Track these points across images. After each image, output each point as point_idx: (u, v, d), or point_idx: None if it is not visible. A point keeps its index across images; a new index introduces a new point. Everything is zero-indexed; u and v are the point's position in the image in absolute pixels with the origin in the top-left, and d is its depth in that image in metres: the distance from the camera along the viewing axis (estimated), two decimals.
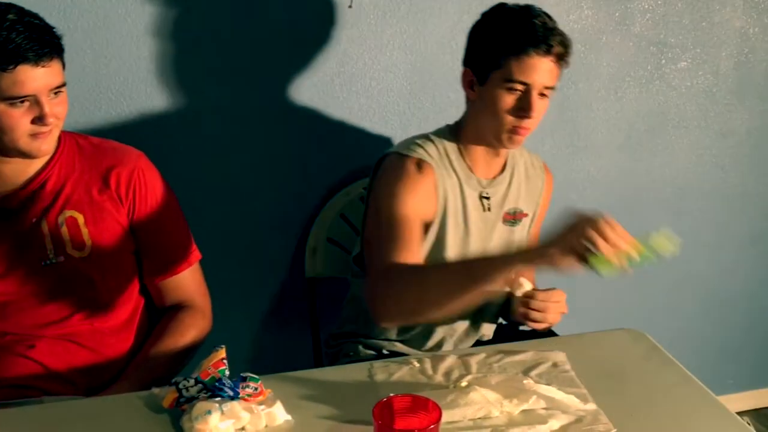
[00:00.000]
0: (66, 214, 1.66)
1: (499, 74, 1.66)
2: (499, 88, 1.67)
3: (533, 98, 1.65)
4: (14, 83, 1.49)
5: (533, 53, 1.62)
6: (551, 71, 1.66)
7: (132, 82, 2.00)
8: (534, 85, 1.65)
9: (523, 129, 1.69)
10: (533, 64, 1.63)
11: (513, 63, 1.64)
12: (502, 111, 1.68)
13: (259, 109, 2.10)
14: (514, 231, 1.88)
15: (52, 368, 1.65)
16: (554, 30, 1.65)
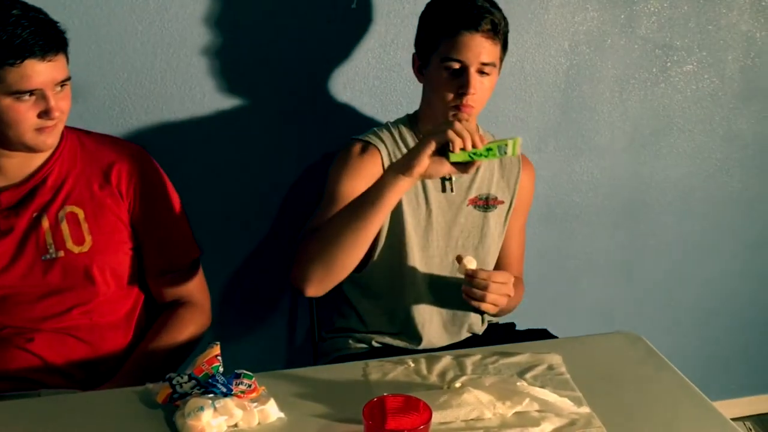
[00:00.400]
0: (66, 209, 1.67)
1: (436, 56, 1.74)
2: (438, 69, 1.74)
3: (470, 75, 1.71)
4: (21, 77, 1.51)
5: (464, 32, 1.69)
6: (485, 48, 1.71)
7: (136, 77, 2.00)
8: (469, 62, 1.70)
9: (466, 107, 1.74)
10: (465, 42, 1.70)
11: (446, 43, 1.71)
12: (443, 91, 1.74)
13: (261, 107, 2.10)
14: (488, 216, 1.91)
15: (51, 361, 1.66)
16: (485, 8, 1.70)
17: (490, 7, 1.72)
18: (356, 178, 1.78)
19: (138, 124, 2.04)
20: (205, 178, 2.12)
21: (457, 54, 1.70)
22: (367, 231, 1.58)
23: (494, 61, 1.73)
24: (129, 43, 1.97)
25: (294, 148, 2.15)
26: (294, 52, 2.07)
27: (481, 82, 1.73)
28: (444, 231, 1.87)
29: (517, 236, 2.02)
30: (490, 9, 1.71)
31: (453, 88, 1.73)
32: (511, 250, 2.01)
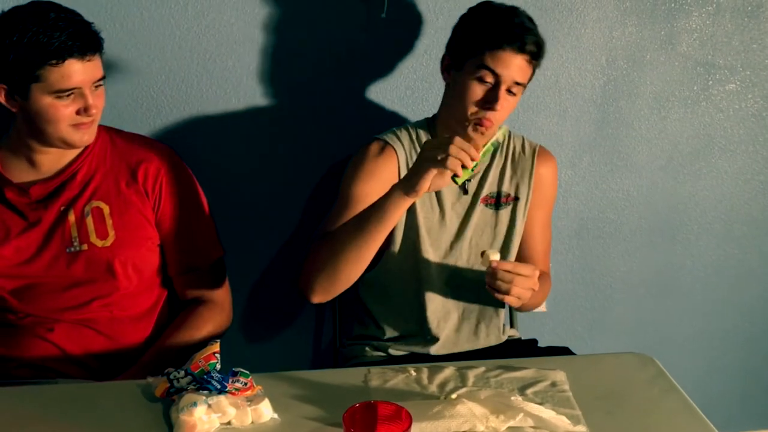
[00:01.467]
0: (92, 204, 1.74)
1: (473, 62, 1.74)
2: (471, 77, 1.75)
3: (500, 91, 1.73)
4: (62, 77, 1.59)
5: (507, 48, 1.70)
6: (522, 68, 1.73)
7: (173, 81, 2.06)
8: (503, 79, 1.72)
9: (486, 121, 1.75)
10: (505, 58, 1.71)
11: (487, 54, 1.72)
12: (469, 99, 1.75)
13: (291, 113, 2.14)
14: (499, 214, 1.91)
15: (69, 352, 1.72)
16: (531, 31, 1.73)
17: (534, 30, 1.74)
18: (370, 180, 1.80)
19: (173, 125, 2.10)
20: (234, 180, 2.17)
21: (496, 67, 1.71)
22: (370, 246, 1.62)
23: (524, 81, 1.75)
24: (167, 47, 2.03)
25: (323, 154, 2.18)
26: (326, 60, 2.10)
27: (507, 99, 1.74)
28: (457, 230, 1.88)
29: (539, 230, 1.98)
30: (534, 31, 1.74)
31: (479, 99, 1.74)
32: (534, 244, 1.98)
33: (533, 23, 1.77)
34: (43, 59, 1.56)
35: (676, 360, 2.48)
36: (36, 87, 1.59)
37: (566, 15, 2.15)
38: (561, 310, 2.39)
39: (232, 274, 1.97)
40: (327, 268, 1.66)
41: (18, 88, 1.60)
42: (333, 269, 1.65)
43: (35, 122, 1.64)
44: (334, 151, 2.16)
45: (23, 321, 1.71)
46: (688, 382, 2.13)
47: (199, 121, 2.11)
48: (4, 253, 1.69)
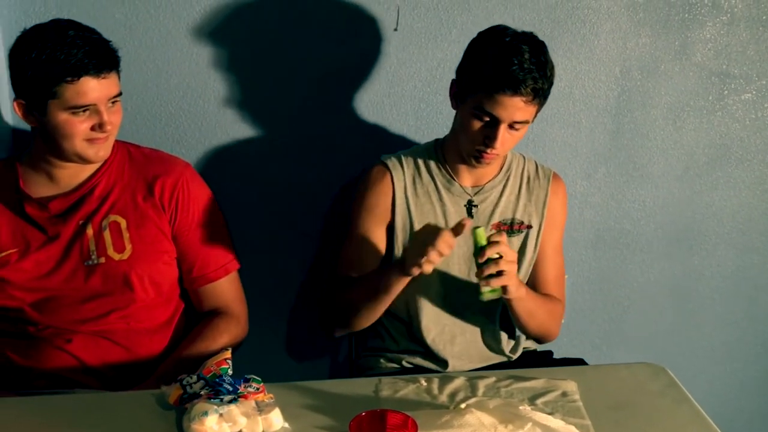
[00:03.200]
0: (110, 218, 1.77)
1: (471, 101, 1.72)
2: (470, 113, 1.73)
3: (499, 130, 1.71)
4: (77, 94, 1.62)
5: (504, 92, 1.66)
6: (521, 109, 1.69)
7: (191, 97, 2.11)
8: (502, 119, 1.69)
9: (487, 155, 1.75)
10: (501, 101, 1.68)
11: (483, 95, 1.69)
12: (469, 135, 1.75)
13: (308, 128, 2.17)
14: (511, 241, 1.89)
15: (87, 363, 1.75)
16: (531, 72, 1.66)
17: (536, 70, 1.67)
18: (372, 211, 1.88)
19: (190, 140, 2.15)
20: (250, 194, 2.20)
21: (491, 109, 1.69)
22: (379, 307, 1.79)
23: (528, 119, 1.73)
24: (185, 64, 2.08)
25: (336, 168, 2.20)
26: (338, 74, 2.13)
27: (510, 134, 1.74)
28: (466, 256, 1.87)
29: (551, 257, 1.96)
30: (536, 73, 1.67)
31: (480, 136, 1.74)
32: (546, 271, 1.96)
33: (540, 57, 1.69)
34: (60, 76, 1.60)
35: (695, 372, 2.48)
36: (53, 103, 1.62)
37: (579, 26, 2.17)
38: (577, 322, 2.38)
39: (247, 286, 1.99)
40: (343, 320, 1.87)
41: (36, 103, 1.64)
42: (348, 322, 1.86)
43: (52, 137, 1.67)
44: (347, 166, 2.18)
45: (42, 333, 1.74)
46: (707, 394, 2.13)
47: (216, 137, 2.15)
48: (25, 267, 1.73)
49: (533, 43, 1.71)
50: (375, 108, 2.17)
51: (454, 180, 1.88)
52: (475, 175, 1.89)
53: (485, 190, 1.89)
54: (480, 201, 1.88)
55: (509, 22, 1.98)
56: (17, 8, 1.98)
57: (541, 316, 1.86)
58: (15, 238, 1.74)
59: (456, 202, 1.88)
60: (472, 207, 1.88)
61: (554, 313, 1.93)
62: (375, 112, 2.17)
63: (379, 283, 1.75)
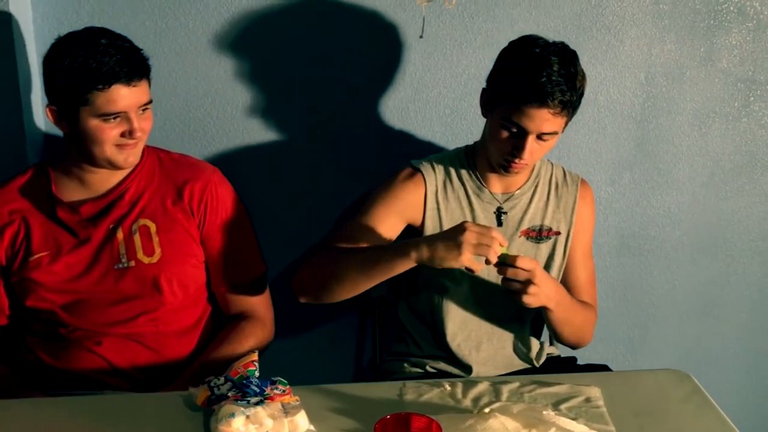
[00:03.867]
0: (140, 222, 1.80)
1: (500, 111, 1.73)
2: (499, 123, 1.73)
3: (527, 141, 1.71)
4: (108, 101, 1.66)
5: (532, 104, 1.66)
6: (549, 120, 1.69)
7: (219, 103, 2.14)
8: (530, 131, 1.69)
9: (516, 165, 1.76)
10: (529, 113, 1.68)
11: (511, 106, 1.70)
12: (498, 144, 1.76)
13: (335, 134, 2.20)
14: (540, 248, 1.90)
15: (116, 364, 1.78)
16: (560, 84, 1.66)
17: (565, 82, 1.66)
18: (393, 202, 1.85)
19: (218, 146, 2.18)
20: (277, 200, 2.23)
21: (519, 120, 1.69)
22: (366, 284, 1.71)
23: (556, 130, 1.72)
24: (213, 71, 2.11)
25: (362, 175, 2.22)
26: (364, 82, 2.16)
27: (539, 145, 1.74)
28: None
29: (581, 262, 1.96)
30: (564, 85, 1.66)
31: (508, 146, 1.75)
32: (577, 276, 1.96)
33: (569, 69, 1.68)
34: (91, 84, 1.64)
35: (721, 379, 2.47)
36: (84, 110, 1.66)
37: (605, 33, 2.17)
38: (602, 328, 2.36)
39: (274, 289, 2.02)
40: (322, 282, 1.76)
41: (68, 110, 1.68)
42: (326, 287, 1.75)
43: (83, 143, 1.71)
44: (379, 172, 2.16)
45: (73, 335, 1.78)
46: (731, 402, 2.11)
47: (243, 142, 2.18)
48: (56, 269, 1.77)
49: (563, 54, 1.71)
50: (400, 114, 2.19)
51: (484, 187, 1.89)
52: (505, 183, 1.89)
53: (515, 197, 1.90)
54: (509, 208, 1.89)
55: (534, 29, 2.02)
56: (51, 17, 2.03)
57: (576, 322, 1.86)
58: (47, 241, 1.77)
59: (486, 209, 1.88)
60: (501, 214, 1.89)
61: (588, 319, 1.92)
62: (400, 118, 2.19)
63: (381, 253, 1.69)
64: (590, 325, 1.94)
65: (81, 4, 2.03)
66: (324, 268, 1.77)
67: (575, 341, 1.92)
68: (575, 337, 1.91)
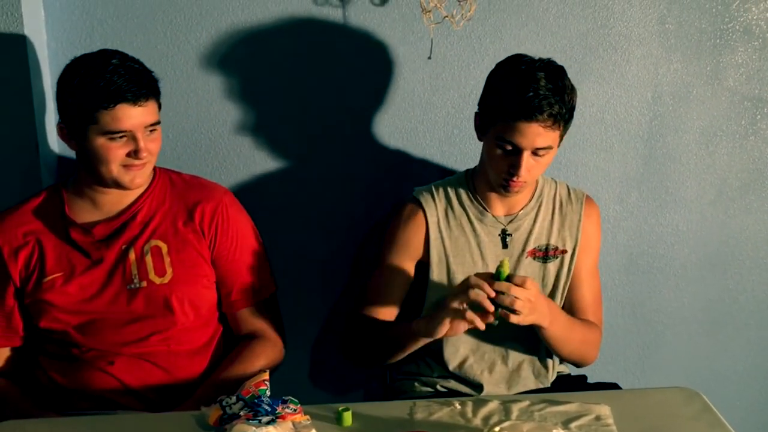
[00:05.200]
0: (152, 243, 1.82)
1: (493, 131, 1.75)
2: (493, 143, 1.75)
3: (523, 158, 1.72)
4: (114, 119, 1.69)
5: (521, 120, 1.68)
6: (541, 135, 1.70)
7: (230, 124, 2.17)
8: (523, 147, 1.71)
9: (516, 184, 1.77)
10: (520, 129, 1.69)
11: (502, 125, 1.72)
12: (495, 164, 1.78)
13: (345, 156, 2.22)
14: (547, 267, 1.91)
15: (128, 384, 1.79)
16: (547, 98, 1.67)
17: (553, 95, 1.68)
18: (403, 249, 1.91)
19: (229, 167, 2.20)
20: (287, 221, 2.25)
21: (511, 138, 1.71)
22: (400, 356, 1.84)
23: (550, 144, 1.73)
24: (225, 93, 2.14)
25: (370, 194, 2.24)
26: (375, 101, 2.17)
27: (536, 161, 1.75)
28: None
29: (587, 280, 1.96)
30: (552, 98, 1.68)
31: (505, 165, 1.76)
32: (582, 295, 1.95)
33: (557, 83, 1.70)
34: (98, 102, 1.67)
35: (731, 397, 2.47)
36: (91, 128, 1.69)
37: (611, 53, 2.19)
38: (611, 346, 2.38)
39: (284, 308, 2.03)
40: (364, 358, 1.96)
41: (76, 128, 1.71)
42: (370, 361, 1.98)
43: (91, 162, 1.74)
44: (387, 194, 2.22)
45: (86, 355, 1.79)
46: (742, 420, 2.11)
47: (254, 164, 2.21)
48: (69, 290, 1.78)
49: (549, 69, 1.73)
50: (409, 135, 2.21)
51: (487, 210, 1.90)
52: (507, 204, 1.91)
53: (518, 218, 1.91)
54: (514, 230, 1.90)
55: (541, 50, 2.03)
56: (64, 40, 2.06)
57: (574, 342, 1.85)
58: (60, 263, 1.79)
59: (490, 233, 1.89)
60: (506, 236, 1.90)
61: (588, 338, 1.91)
62: (409, 139, 2.21)
63: (400, 339, 1.80)
64: (593, 344, 1.93)
65: (94, 28, 2.07)
66: (361, 346, 1.94)
67: (577, 359, 1.93)
68: (576, 356, 1.91)
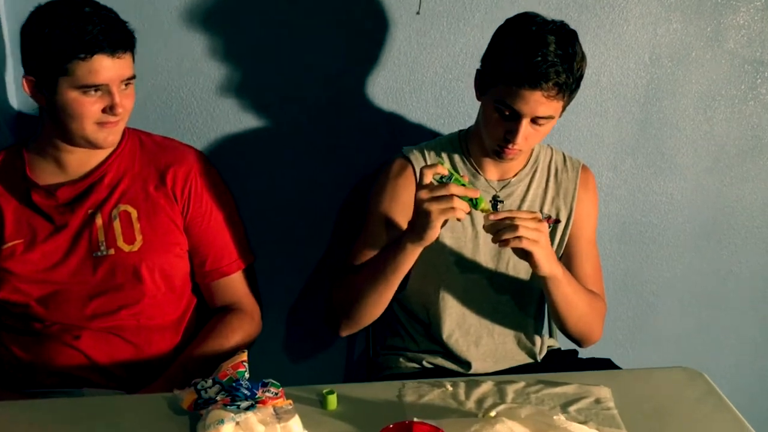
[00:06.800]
0: (120, 208, 1.70)
1: (493, 93, 1.64)
2: (492, 105, 1.64)
3: (521, 125, 1.61)
4: (89, 72, 1.55)
5: (525, 87, 1.57)
6: (543, 104, 1.58)
7: (203, 82, 2.03)
8: (524, 114, 1.60)
9: (509, 151, 1.67)
10: (522, 95, 1.58)
11: (503, 87, 1.60)
12: (491, 128, 1.67)
13: (325, 117, 2.09)
14: None
15: (96, 360, 1.68)
16: (555, 66, 1.55)
17: (561, 63, 1.55)
18: (392, 206, 1.78)
19: (202, 129, 2.07)
20: (264, 186, 2.13)
21: (512, 103, 1.59)
22: (387, 289, 1.67)
23: (552, 114, 1.62)
24: (198, 48, 2.00)
25: (355, 157, 2.12)
26: (355, 60, 2.05)
27: (534, 129, 1.64)
28: (493, 253, 1.80)
29: (586, 251, 1.87)
30: (560, 66, 1.55)
31: (501, 130, 1.65)
32: (582, 266, 1.86)
33: (567, 49, 1.57)
34: (72, 52, 1.54)
35: (723, 371, 2.40)
36: (63, 80, 1.56)
37: (608, 11, 2.07)
38: None
39: (261, 281, 1.93)
40: (348, 310, 1.72)
41: (46, 81, 1.57)
42: (354, 311, 1.72)
43: (60, 118, 1.61)
44: (366, 155, 2.11)
45: (50, 329, 1.67)
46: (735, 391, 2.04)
47: (229, 125, 2.07)
48: (31, 258, 1.66)
49: (561, 33, 1.60)
50: (395, 96, 2.08)
51: (480, 174, 1.80)
52: (501, 169, 1.81)
53: (511, 184, 1.81)
54: (506, 196, 1.80)
55: (535, 6, 1.92)
56: None
57: (582, 306, 1.75)
58: (21, 228, 1.67)
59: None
60: (498, 202, 1.80)
61: (595, 306, 1.81)
62: (394, 100, 2.09)
63: (386, 259, 1.64)
64: (598, 316, 1.83)
65: None
66: (345, 296, 1.74)
67: (582, 331, 1.81)
68: (582, 326, 1.80)
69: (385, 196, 1.80)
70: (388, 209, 1.79)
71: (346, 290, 1.74)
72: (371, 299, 1.69)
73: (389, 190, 1.80)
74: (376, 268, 1.67)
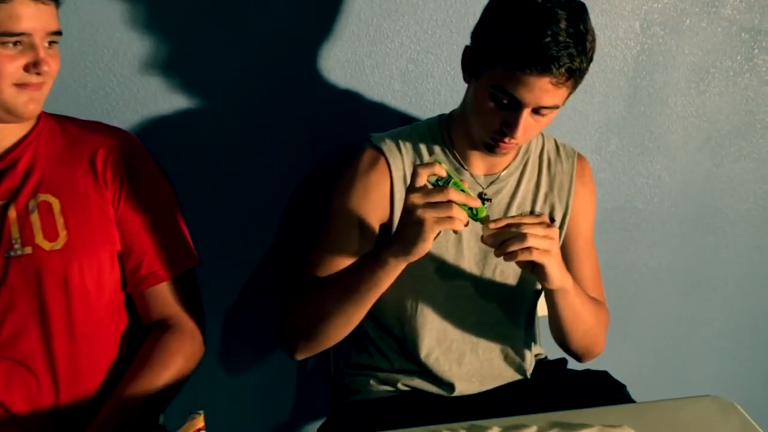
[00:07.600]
0: (39, 198, 1.42)
1: (489, 77, 1.37)
2: (485, 92, 1.38)
3: (521, 116, 1.36)
4: (9, 17, 1.30)
5: (530, 72, 1.30)
6: (549, 91, 1.34)
7: (123, 55, 1.70)
8: (526, 103, 1.35)
9: (504, 144, 1.42)
10: (527, 82, 1.32)
11: (503, 73, 1.33)
12: (483, 118, 1.42)
13: (275, 96, 1.79)
14: None
15: (3, 403, 1.37)
16: (568, 48, 1.30)
17: (575, 45, 1.31)
18: (361, 203, 1.52)
19: (124, 111, 1.75)
20: (208, 180, 1.84)
21: (513, 90, 1.34)
22: (359, 311, 1.41)
23: (557, 104, 1.38)
24: (115, 15, 1.66)
25: (308, 143, 1.85)
26: (309, 29, 1.76)
27: (535, 120, 1.39)
28: (479, 258, 1.56)
29: (584, 252, 1.65)
30: (574, 50, 1.31)
31: (497, 121, 1.39)
32: (582, 269, 1.64)
33: (578, 26, 1.32)
34: None
35: (708, 362, 2.32)
36: None
37: None
38: None
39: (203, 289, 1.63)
40: (309, 331, 1.47)
41: None
42: (316, 333, 1.46)
43: None
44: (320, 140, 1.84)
45: None
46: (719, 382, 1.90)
47: (157, 107, 1.76)
48: None
49: (571, 7, 1.33)
50: (353, 70, 1.80)
51: (464, 168, 1.55)
52: (489, 162, 1.55)
53: (500, 179, 1.56)
54: (494, 193, 1.56)
55: None
56: None
57: (589, 319, 1.53)
58: None
59: None
60: (485, 201, 1.55)
61: (601, 318, 1.60)
62: (353, 75, 1.81)
63: (360, 274, 1.38)
64: (603, 327, 1.62)
65: None
66: (306, 314, 1.46)
67: (586, 346, 1.60)
68: (587, 341, 1.58)
69: (354, 193, 1.53)
70: (358, 208, 1.52)
71: (307, 307, 1.48)
72: (339, 320, 1.42)
73: (358, 187, 1.53)
74: (346, 285, 1.40)
